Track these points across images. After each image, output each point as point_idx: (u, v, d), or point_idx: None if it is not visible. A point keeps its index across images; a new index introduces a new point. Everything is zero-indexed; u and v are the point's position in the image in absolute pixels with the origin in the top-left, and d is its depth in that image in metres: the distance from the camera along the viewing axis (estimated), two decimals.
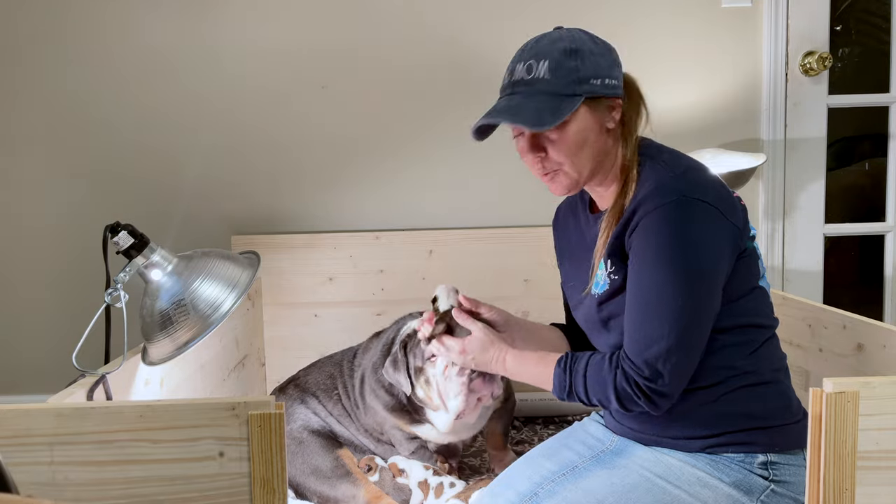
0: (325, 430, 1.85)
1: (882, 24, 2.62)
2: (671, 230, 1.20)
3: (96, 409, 1.04)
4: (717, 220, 1.22)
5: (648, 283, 1.21)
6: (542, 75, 1.27)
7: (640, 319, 1.22)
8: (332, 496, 1.72)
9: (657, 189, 1.23)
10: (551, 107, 1.25)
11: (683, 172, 1.26)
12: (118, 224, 1.40)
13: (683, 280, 1.19)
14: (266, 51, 2.37)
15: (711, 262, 1.22)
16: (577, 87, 1.26)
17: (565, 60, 1.27)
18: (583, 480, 1.30)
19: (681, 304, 1.19)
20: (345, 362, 1.97)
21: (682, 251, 1.19)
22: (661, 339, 1.19)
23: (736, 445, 1.27)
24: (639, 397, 1.22)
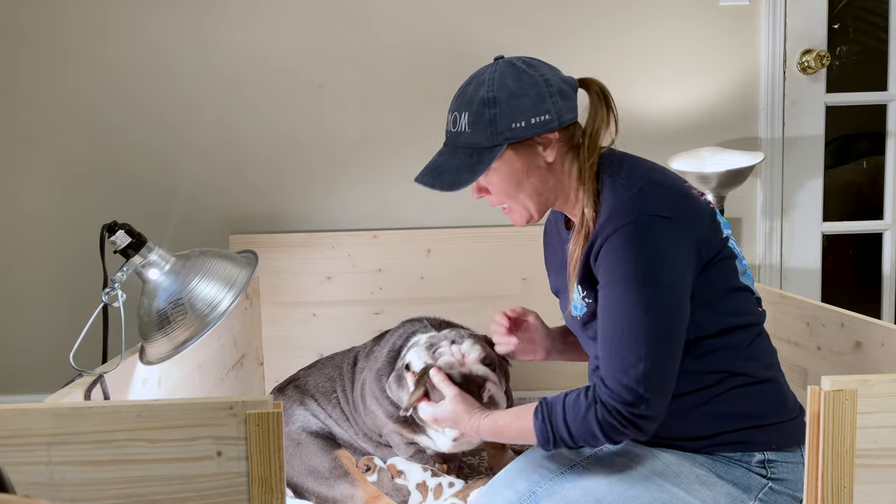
0: (323, 432, 1.85)
1: (880, 22, 2.62)
2: (632, 252, 1.19)
3: (94, 408, 1.04)
4: (677, 234, 1.22)
5: (618, 308, 1.21)
6: (464, 129, 1.30)
7: (616, 346, 1.21)
8: (331, 496, 1.72)
9: (615, 211, 1.23)
10: (469, 164, 1.29)
11: (640, 189, 1.25)
12: (115, 223, 1.40)
13: (651, 301, 1.18)
14: (263, 49, 2.36)
15: (676, 277, 1.21)
16: (496, 138, 1.28)
17: (484, 111, 1.28)
18: (581, 479, 1.30)
19: (652, 325, 1.18)
20: (345, 365, 1.96)
21: (645, 272, 1.19)
22: (639, 362, 1.18)
23: (733, 445, 1.27)
24: (625, 426, 1.20)
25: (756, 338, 1.33)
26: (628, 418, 1.19)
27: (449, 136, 1.35)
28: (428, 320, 1.87)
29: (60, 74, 2.34)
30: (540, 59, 1.36)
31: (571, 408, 1.25)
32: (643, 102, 2.41)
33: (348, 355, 1.99)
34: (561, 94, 1.30)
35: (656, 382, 1.19)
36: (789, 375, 1.78)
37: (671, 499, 1.25)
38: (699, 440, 1.28)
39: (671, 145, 2.38)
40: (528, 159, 1.31)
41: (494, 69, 1.31)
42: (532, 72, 1.30)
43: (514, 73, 1.29)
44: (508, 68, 1.30)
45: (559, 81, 1.31)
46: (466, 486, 1.73)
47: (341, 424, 1.88)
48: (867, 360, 1.53)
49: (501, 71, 1.30)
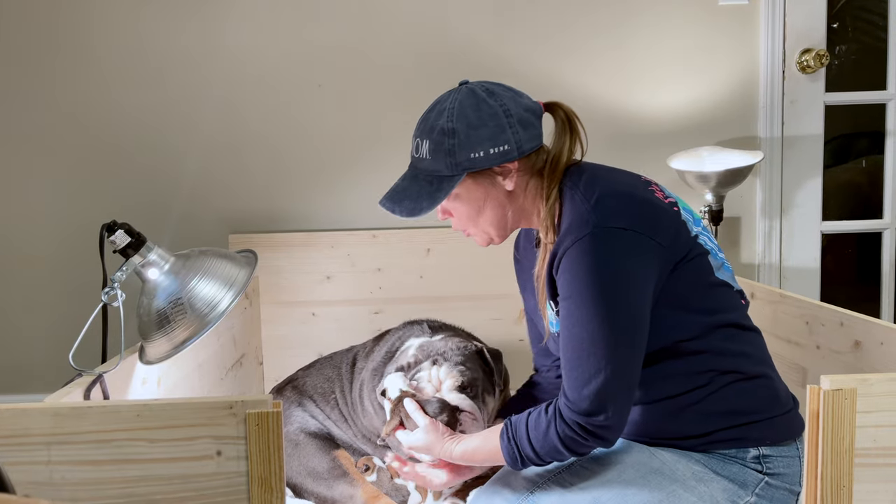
0: (322, 433, 1.84)
1: (879, 21, 2.63)
2: (589, 265, 1.20)
3: (93, 408, 1.04)
4: (633, 244, 1.22)
5: (575, 321, 1.22)
6: (425, 155, 1.33)
7: (575, 359, 1.22)
8: (330, 497, 1.72)
9: (573, 224, 1.24)
10: (429, 192, 1.32)
11: (597, 200, 1.25)
12: (115, 223, 1.40)
13: (607, 313, 1.19)
14: (263, 49, 2.36)
15: (633, 287, 1.22)
16: (455, 168, 1.30)
17: (443, 141, 1.30)
18: (579, 478, 1.31)
19: (609, 337, 1.19)
20: (344, 365, 1.96)
21: (601, 284, 1.20)
22: (598, 373, 1.20)
23: (727, 442, 1.27)
24: (586, 438, 1.22)
25: (742, 333, 1.32)
26: (589, 430, 1.21)
27: (412, 160, 1.38)
28: (428, 323, 1.86)
29: (59, 74, 2.34)
30: (506, 84, 1.36)
31: (534, 425, 1.27)
32: (642, 102, 2.41)
33: (347, 355, 1.99)
34: (522, 124, 1.31)
35: (615, 393, 1.20)
36: (788, 374, 1.78)
37: (668, 496, 1.25)
38: (694, 438, 1.28)
39: (670, 144, 2.38)
40: (487, 188, 1.33)
41: (456, 97, 1.32)
42: (492, 101, 1.30)
43: (474, 102, 1.30)
44: (469, 97, 1.31)
45: (521, 110, 1.31)
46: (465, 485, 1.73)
47: (340, 426, 1.88)
48: (866, 359, 1.53)
49: (462, 100, 1.31)
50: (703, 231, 1.36)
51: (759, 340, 1.36)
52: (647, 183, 1.36)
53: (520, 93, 1.35)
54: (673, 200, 1.34)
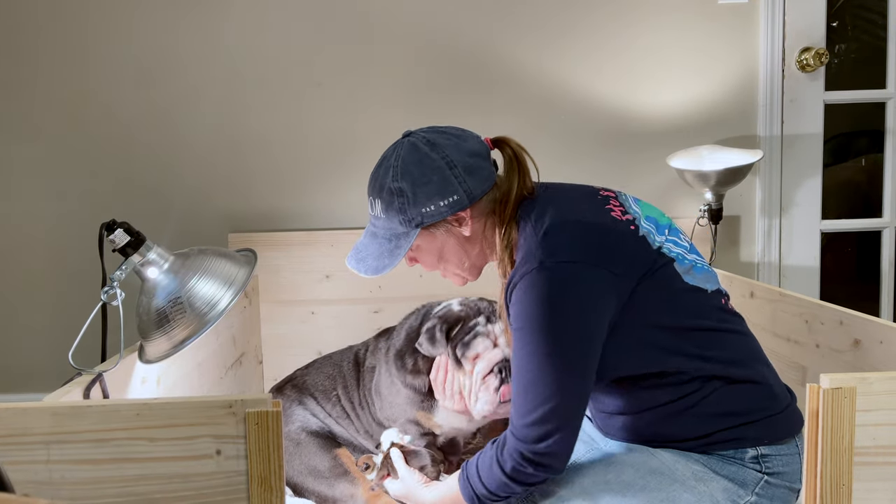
0: (323, 431, 1.84)
1: (878, 20, 2.62)
2: (533, 299, 1.21)
3: (93, 407, 1.04)
4: (582, 277, 1.22)
5: (523, 353, 1.23)
6: (379, 214, 1.38)
7: (521, 389, 1.24)
8: (331, 495, 1.72)
9: (523, 258, 1.26)
10: (388, 249, 1.37)
11: (545, 233, 1.25)
12: (114, 222, 1.40)
13: (554, 346, 1.20)
14: (262, 48, 2.36)
15: (581, 320, 1.22)
16: (408, 224, 1.35)
17: (393, 201, 1.34)
18: (578, 478, 1.31)
19: (555, 370, 1.20)
20: (345, 363, 1.96)
21: (547, 318, 1.20)
22: (542, 404, 1.21)
23: (725, 443, 1.27)
24: (528, 467, 1.23)
25: (721, 336, 1.30)
26: (530, 458, 1.22)
27: (370, 217, 1.42)
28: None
29: (59, 73, 2.34)
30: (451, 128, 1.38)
31: (483, 462, 1.29)
32: (642, 100, 2.41)
33: (347, 353, 1.99)
34: (468, 171, 1.32)
35: (557, 423, 1.21)
36: (788, 373, 1.78)
37: (669, 496, 1.25)
38: (693, 440, 1.28)
39: (670, 143, 2.38)
40: (444, 238, 1.37)
41: (399, 153, 1.35)
42: (434, 154, 1.32)
43: (416, 157, 1.32)
44: (411, 153, 1.33)
45: (465, 157, 1.33)
46: None
47: (341, 422, 1.88)
48: (866, 357, 1.53)
49: (404, 156, 1.34)
50: (672, 234, 1.35)
51: (742, 340, 1.33)
52: (605, 200, 1.35)
53: (464, 136, 1.37)
54: (631, 217, 1.32)
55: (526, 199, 1.34)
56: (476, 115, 2.38)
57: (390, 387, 1.81)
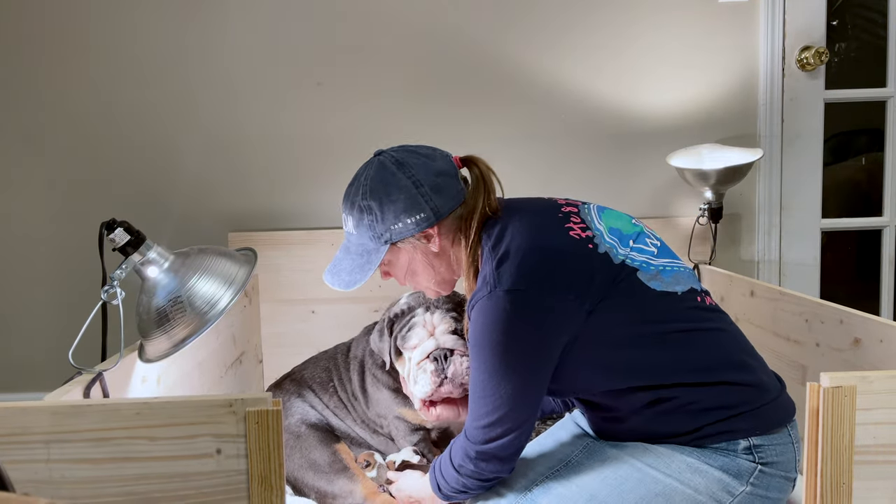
0: (322, 424, 1.85)
1: (879, 19, 2.62)
2: (484, 323, 1.27)
3: (93, 406, 1.04)
4: (534, 304, 1.26)
5: (475, 368, 1.30)
6: (351, 230, 1.43)
7: (474, 398, 1.32)
8: (330, 491, 1.72)
9: (480, 283, 1.32)
10: (360, 264, 1.42)
11: (499, 261, 1.30)
12: (114, 221, 1.40)
13: (500, 367, 1.27)
14: (262, 47, 2.36)
15: (529, 345, 1.27)
16: (378, 240, 1.40)
17: (362, 218, 1.40)
18: (575, 475, 1.31)
19: (501, 387, 1.27)
20: (339, 356, 1.97)
21: (495, 343, 1.26)
22: (490, 413, 1.29)
23: (717, 436, 1.27)
24: (474, 462, 1.33)
25: (700, 335, 1.30)
26: (476, 456, 1.32)
27: (345, 233, 1.47)
28: None
29: (59, 73, 2.34)
30: (421, 147, 1.44)
31: (444, 456, 1.41)
32: (642, 99, 2.41)
33: (341, 347, 2.01)
34: (434, 190, 1.37)
35: (503, 429, 1.29)
36: (788, 372, 1.78)
37: (665, 489, 1.25)
38: (685, 435, 1.28)
39: (670, 142, 2.38)
40: (412, 253, 1.43)
41: (368, 173, 1.40)
42: (402, 174, 1.38)
43: (383, 176, 1.38)
44: (379, 172, 1.39)
45: (432, 177, 1.38)
46: None
47: (339, 413, 1.89)
48: (866, 356, 1.53)
49: (373, 176, 1.39)
50: (638, 241, 1.36)
51: (721, 337, 1.33)
52: (566, 218, 1.36)
53: (433, 156, 1.42)
54: (590, 235, 1.33)
55: (490, 219, 1.39)
56: (476, 115, 2.38)
57: (374, 384, 1.84)
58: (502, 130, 2.38)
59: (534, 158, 2.41)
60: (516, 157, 2.38)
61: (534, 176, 2.36)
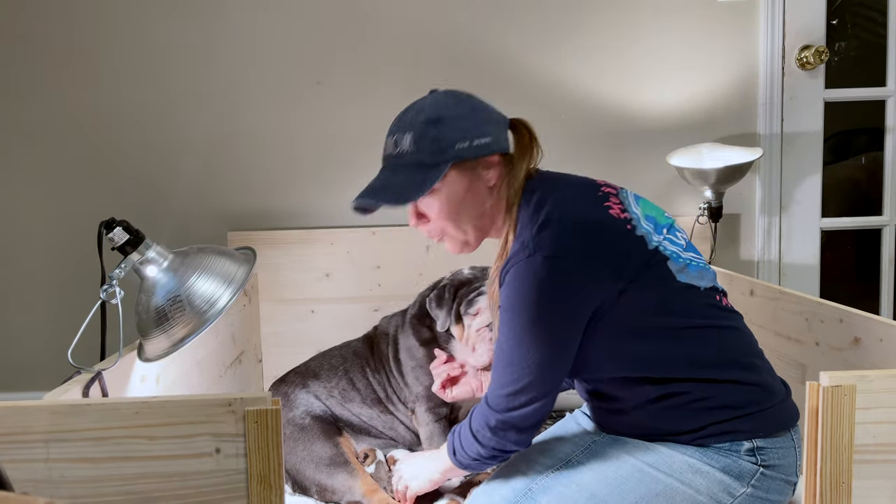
0: (326, 415, 1.86)
1: (878, 17, 2.62)
2: (521, 287, 1.25)
3: (92, 405, 1.04)
4: (570, 271, 1.24)
5: (505, 333, 1.28)
6: (407, 148, 1.34)
7: (500, 365, 1.29)
8: (330, 485, 1.72)
9: (519, 245, 1.28)
10: (416, 180, 1.32)
11: (540, 225, 1.28)
12: (113, 220, 1.40)
13: (534, 332, 1.24)
14: (261, 46, 2.36)
15: (564, 313, 1.25)
16: (442, 156, 1.32)
17: (428, 130, 1.32)
18: (576, 474, 1.31)
19: (532, 354, 1.25)
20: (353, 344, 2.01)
21: (531, 308, 1.24)
22: (516, 381, 1.27)
23: (721, 435, 1.27)
24: (494, 432, 1.30)
25: (716, 332, 1.31)
26: (497, 426, 1.29)
27: (389, 159, 1.39)
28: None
29: (59, 72, 2.34)
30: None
31: (463, 429, 1.37)
32: (642, 99, 2.41)
33: (353, 341, 2.03)
34: (496, 123, 1.36)
35: (528, 398, 1.27)
36: (788, 371, 1.78)
37: (665, 489, 1.25)
38: (689, 433, 1.28)
39: (670, 141, 2.38)
40: (471, 181, 1.36)
41: (433, 97, 1.37)
42: (470, 99, 1.37)
43: (454, 98, 1.36)
44: (448, 95, 1.37)
45: (496, 112, 1.38)
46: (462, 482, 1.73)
47: (346, 395, 1.90)
48: (866, 355, 1.53)
49: (440, 97, 1.37)
50: (670, 233, 1.35)
51: (735, 336, 1.34)
52: (605, 197, 1.35)
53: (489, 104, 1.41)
54: (628, 217, 1.33)
55: (528, 185, 1.36)
56: None
57: (406, 354, 1.90)
58: None
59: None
60: None
61: None
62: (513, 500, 1.33)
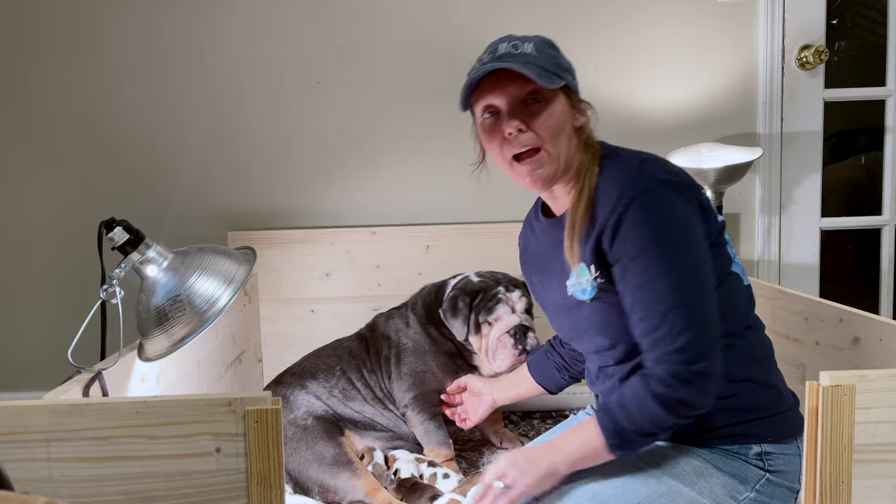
0: (328, 415, 1.85)
1: (878, 17, 2.62)
2: (657, 217, 1.18)
3: (92, 405, 1.04)
4: (688, 197, 1.23)
5: (656, 274, 1.17)
6: (530, 52, 1.27)
7: (659, 313, 1.17)
8: (332, 485, 1.72)
9: (624, 185, 1.22)
10: (547, 74, 1.24)
11: (643, 161, 1.27)
12: (113, 220, 1.40)
13: (684, 262, 1.18)
14: (261, 46, 2.36)
15: (698, 234, 1.22)
16: (560, 72, 1.28)
17: (546, 48, 1.30)
18: (579, 474, 1.30)
19: (694, 284, 1.17)
20: (345, 343, 2.01)
21: (672, 234, 1.18)
22: (692, 322, 1.16)
23: (730, 437, 1.27)
24: (684, 386, 1.16)
25: (746, 331, 1.31)
26: (687, 379, 1.16)
27: (509, 56, 1.26)
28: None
29: (59, 71, 2.34)
30: None
31: (629, 398, 1.20)
32: (642, 98, 2.41)
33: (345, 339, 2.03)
34: None
35: (709, 340, 1.17)
36: (788, 371, 1.78)
37: (668, 491, 1.25)
38: (698, 434, 1.28)
39: (669, 141, 2.38)
40: (569, 114, 1.31)
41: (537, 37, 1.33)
42: None
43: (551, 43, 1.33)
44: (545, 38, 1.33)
45: None
46: (465, 480, 1.73)
47: (347, 395, 1.89)
48: (865, 355, 1.53)
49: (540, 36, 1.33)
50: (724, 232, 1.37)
51: (764, 338, 1.35)
52: None
53: None
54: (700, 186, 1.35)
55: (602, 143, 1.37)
56: None
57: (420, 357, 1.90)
58: None
59: None
60: None
61: None
62: None
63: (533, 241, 1.47)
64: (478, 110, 1.33)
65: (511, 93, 1.27)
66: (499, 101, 1.28)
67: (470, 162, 1.46)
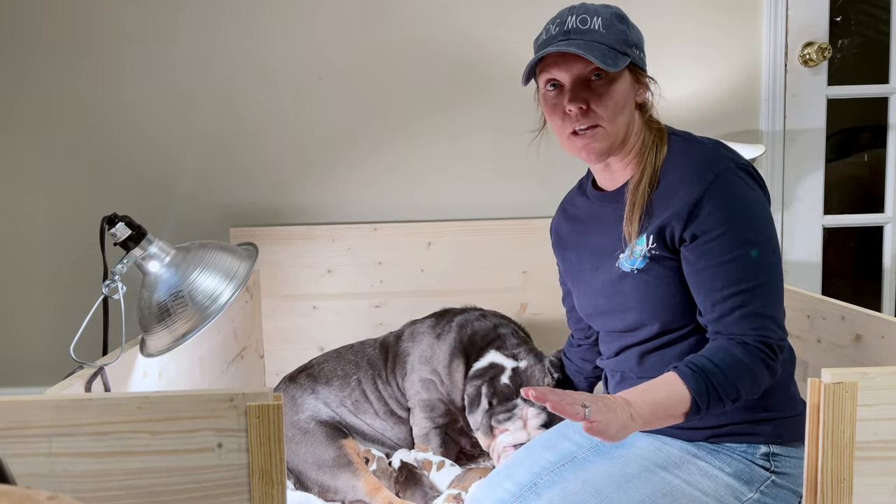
0: (332, 421, 1.86)
1: (881, 14, 2.62)
2: (740, 197, 1.24)
3: (94, 400, 1.04)
4: (761, 184, 1.29)
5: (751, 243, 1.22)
6: (598, 28, 1.28)
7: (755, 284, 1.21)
8: (332, 486, 1.73)
9: (705, 163, 1.26)
10: (612, 54, 1.26)
11: (714, 144, 1.31)
12: (115, 215, 1.40)
13: (767, 241, 1.24)
14: (263, 42, 2.36)
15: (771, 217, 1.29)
16: (627, 49, 1.29)
17: (615, 23, 1.30)
18: (582, 471, 1.31)
19: (773, 261, 1.23)
20: (368, 348, 2.00)
21: (756, 213, 1.24)
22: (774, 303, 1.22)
23: (739, 436, 1.27)
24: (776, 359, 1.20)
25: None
26: (777, 348, 1.21)
27: (576, 32, 1.28)
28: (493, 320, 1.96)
29: (61, 69, 2.34)
30: None
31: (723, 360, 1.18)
32: None
33: (369, 342, 2.03)
34: None
35: (783, 316, 1.25)
36: None
37: (671, 490, 1.24)
38: (706, 429, 1.28)
39: None
40: (632, 90, 1.34)
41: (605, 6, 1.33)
42: None
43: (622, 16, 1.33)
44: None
45: None
46: (464, 472, 1.73)
47: (360, 406, 1.89)
48: (867, 352, 1.53)
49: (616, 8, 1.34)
50: None
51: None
52: None
53: None
54: None
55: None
56: (476, 112, 2.38)
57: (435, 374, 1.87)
58: (503, 126, 2.37)
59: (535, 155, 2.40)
60: (518, 153, 2.38)
61: (536, 172, 2.35)
62: (517, 495, 1.33)
63: (570, 222, 1.49)
64: (541, 81, 1.36)
65: (574, 70, 1.29)
66: (562, 76, 1.31)
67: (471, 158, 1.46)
